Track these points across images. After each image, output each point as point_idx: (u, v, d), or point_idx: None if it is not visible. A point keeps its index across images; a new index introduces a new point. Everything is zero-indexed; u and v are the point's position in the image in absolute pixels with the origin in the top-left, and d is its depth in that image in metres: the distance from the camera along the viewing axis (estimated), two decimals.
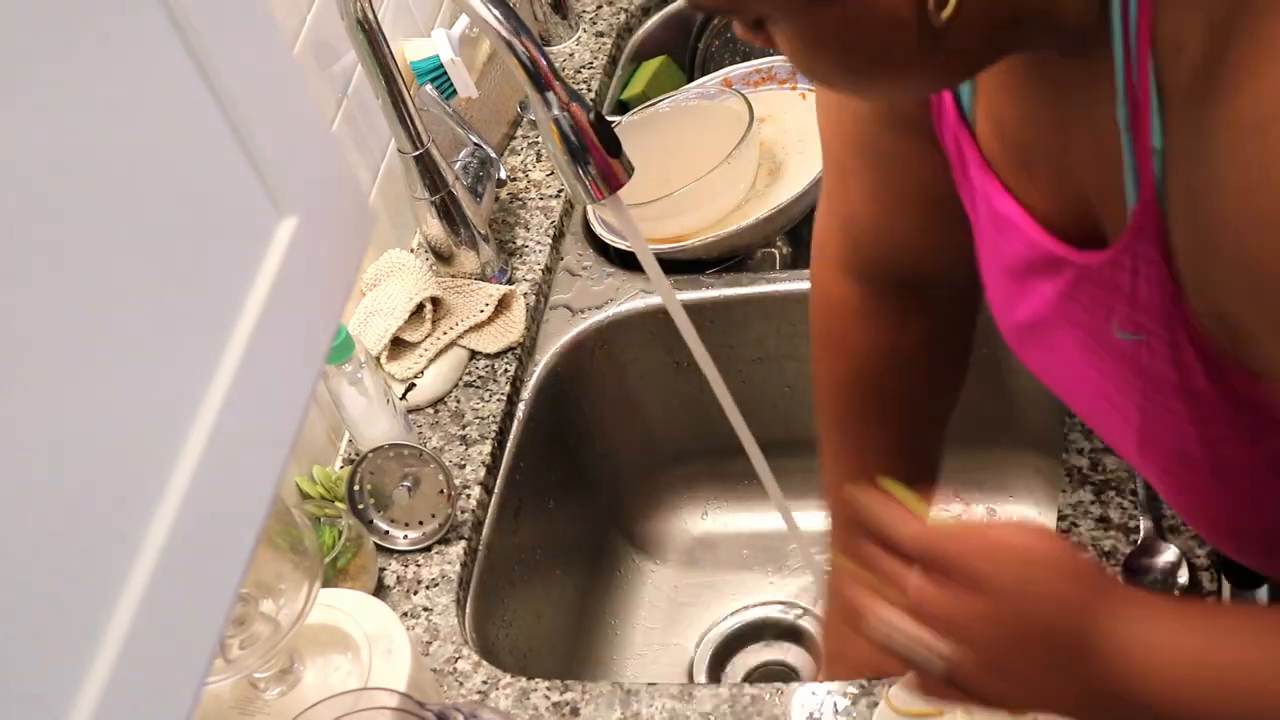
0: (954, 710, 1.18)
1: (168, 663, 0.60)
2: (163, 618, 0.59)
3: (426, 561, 1.40)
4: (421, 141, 1.48)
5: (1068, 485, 1.30)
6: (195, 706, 0.61)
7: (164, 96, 0.63)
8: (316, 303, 0.72)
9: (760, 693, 1.25)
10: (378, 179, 1.59)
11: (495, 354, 1.56)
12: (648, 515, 1.68)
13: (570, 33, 1.90)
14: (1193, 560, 1.22)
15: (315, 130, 0.73)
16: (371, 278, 1.55)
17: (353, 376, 1.39)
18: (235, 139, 0.66)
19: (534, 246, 1.65)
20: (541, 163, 1.73)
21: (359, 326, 1.52)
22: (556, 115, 1.24)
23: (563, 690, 1.28)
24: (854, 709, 1.22)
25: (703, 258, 1.61)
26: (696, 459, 1.67)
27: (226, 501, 0.65)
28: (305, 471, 1.43)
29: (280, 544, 1.17)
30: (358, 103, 1.54)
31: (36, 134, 0.56)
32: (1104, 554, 1.25)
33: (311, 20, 1.46)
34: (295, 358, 0.71)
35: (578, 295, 1.62)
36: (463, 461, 1.47)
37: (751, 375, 1.58)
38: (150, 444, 0.61)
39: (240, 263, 0.67)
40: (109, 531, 0.58)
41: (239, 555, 0.65)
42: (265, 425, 0.68)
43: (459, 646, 1.33)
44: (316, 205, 0.71)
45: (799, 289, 1.56)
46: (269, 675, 1.21)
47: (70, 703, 0.55)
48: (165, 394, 0.62)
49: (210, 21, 0.64)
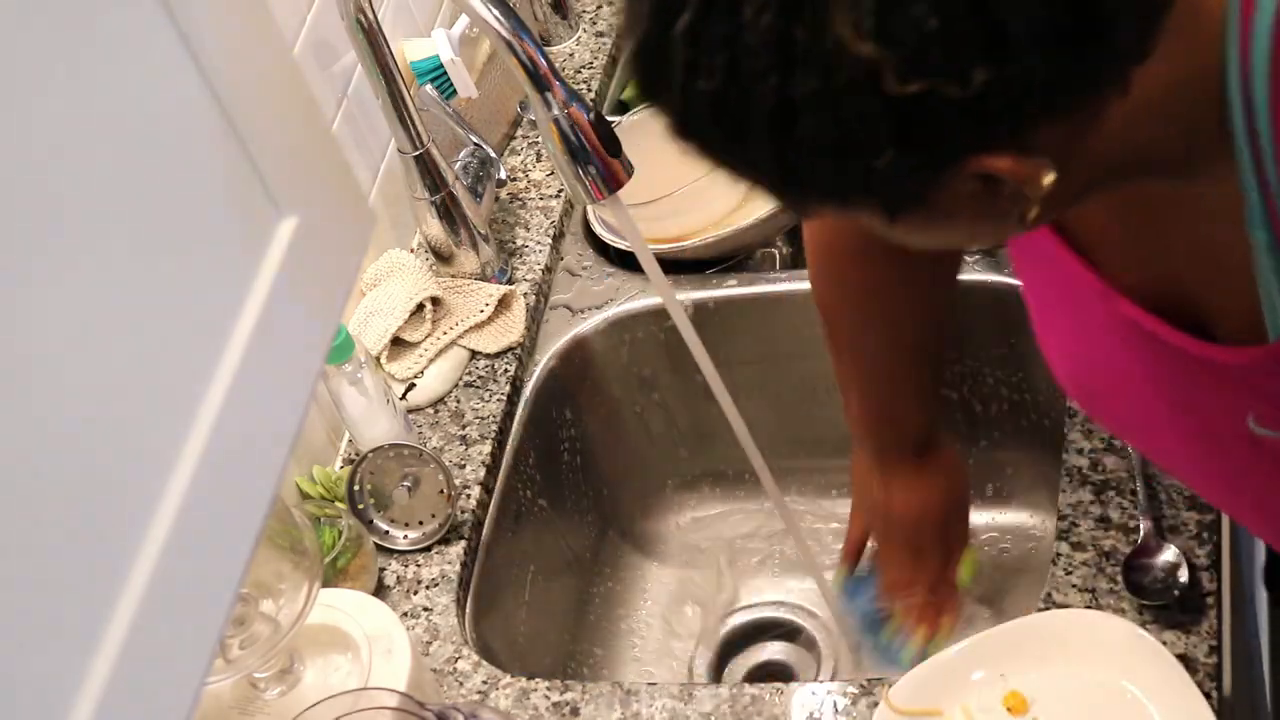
0: (954, 710, 1.19)
1: (168, 663, 0.60)
2: (163, 618, 0.59)
3: (426, 561, 1.40)
4: (421, 141, 1.48)
5: (1068, 485, 1.30)
6: (195, 706, 0.61)
7: (164, 96, 0.63)
8: (316, 303, 0.72)
9: (760, 693, 1.25)
10: (378, 179, 1.59)
11: (495, 354, 1.56)
12: (647, 515, 1.68)
13: (570, 33, 1.90)
14: (1193, 560, 1.22)
15: (315, 130, 0.73)
16: (371, 278, 1.55)
17: (353, 376, 1.39)
18: (235, 139, 0.66)
19: (534, 246, 1.65)
20: (541, 163, 1.73)
21: (359, 326, 1.52)
22: (556, 115, 1.24)
23: (563, 690, 1.28)
24: (854, 709, 1.22)
25: (703, 258, 1.61)
26: (696, 459, 1.67)
27: (226, 501, 0.65)
28: (305, 471, 1.43)
29: (280, 544, 1.17)
30: (358, 103, 1.54)
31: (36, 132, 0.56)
32: (1104, 554, 1.25)
33: (311, 20, 1.46)
34: (295, 358, 0.71)
35: (578, 295, 1.62)
36: (463, 461, 1.47)
37: (751, 375, 1.58)
38: (150, 444, 0.61)
39: (240, 263, 0.67)
40: (109, 531, 0.58)
41: (239, 555, 0.65)
42: (265, 425, 0.68)
43: (459, 646, 1.33)
44: (316, 205, 0.71)
45: (799, 289, 1.56)
46: (269, 675, 1.21)
47: (70, 702, 0.55)
48: (165, 394, 0.62)
49: (210, 21, 0.64)
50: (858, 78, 0.68)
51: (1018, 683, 1.18)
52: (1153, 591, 1.20)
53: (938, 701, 1.18)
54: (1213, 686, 1.15)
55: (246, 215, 0.67)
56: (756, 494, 1.58)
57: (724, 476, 1.67)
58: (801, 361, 1.56)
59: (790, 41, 0.68)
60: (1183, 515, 1.25)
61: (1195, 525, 1.24)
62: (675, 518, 1.68)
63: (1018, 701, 1.17)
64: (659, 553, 1.66)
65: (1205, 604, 1.20)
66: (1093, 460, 1.31)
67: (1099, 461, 1.31)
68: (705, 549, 1.65)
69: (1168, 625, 1.19)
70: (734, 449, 1.38)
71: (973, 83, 0.68)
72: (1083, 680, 1.17)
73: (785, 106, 0.70)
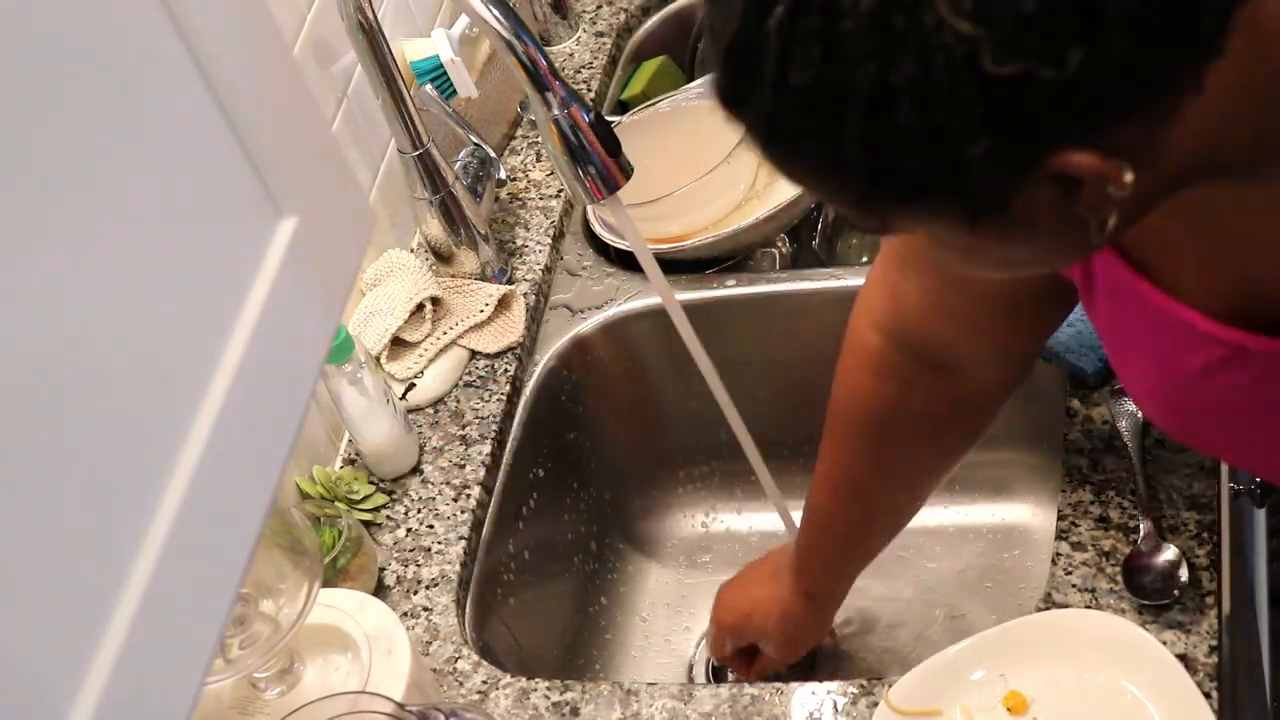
0: (953, 710, 1.19)
1: (168, 663, 0.61)
2: (163, 618, 0.59)
3: (426, 561, 1.40)
4: (421, 141, 1.48)
5: (1067, 485, 1.30)
6: (195, 706, 0.61)
7: (164, 97, 0.63)
8: (316, 303, 0.72)
9: (760, 693, 1.25)
10: (378, 179, 1.59)
11: (495, 354, 1.56)
12: (648, 515, 1.68)
13: (570, 33, 1.90)
14: (1193, 560, 1.22)
15: (315, 130, 0.73)
16: (371, 278, 1.55)
17: (353, 376, 1.39)
18: (235, 139, 0.66)
19: (534, 246, 1.65)
20: (541, 163, 1.73)
21: (359, 326, 1.52)
22: (556, 115, 1.24)
23: (563, 690, 1.28)
24: (854, 709, 1.22)
25: (703, 258, 1.61)
26: (696, 459, 1.67)
27: (226, 501, 0.65)
28: (305, 471, 1.43)
29: (280, 544, 1.17)
30: (358, 103, 1.54)
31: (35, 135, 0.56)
32: (1104, 554, 1.25)
33: (311, 20, 1.46)
34: (295, 358, 0.71)
35: (578, 295, 1.62)
36: (463, 461, 1.47)
37: (751, 375, 1.58)
38: (152, 443, 0.61)
39: (240, 263, 0.67)
40: (109, 531, 0.58)
41: (239, 555, 0.65)
42: (265, 425, 0.68)
43: (459, 646, 1.33)
44: (316, 205, 0.71)
45: (799, 289, 1.56)
46: (269, 675, 1.21)
47: (71, 702, 0.55)
48: (165, 393, 0.62)
49: (210, 22, 0.64)
50: (955, 59, 0.68)
51: (1018, 683, 1.18)
52: (1153, 591, 1.20)
53: (937, 701, 1.18)
54: (1213, 686, 1.15)
55: (246, 215, 0.67)
56: (756, 494, 1.58)
57: (724, 476, 1.67)
58: (801, 362, 1.56)
59: (888, 27, 0.69)
60: (1183, 515, 1.25)
61: (1195, 525, 1.24)
62: (675, 518, 1.68)
63: (1018, 701, 1.17)
64: (659, 553, 1.66)
65: (1205, 604, 1.20)
66: (1093, 460, 1.31)
67: (1099, 461, 1.31)
68: (705, 549, 1.65)
69: (1168, 625, 1.19)
70: (733, 448, 1.38)
71: (1068, 66, 0.69)
72: (1083, 680, 1.17)
73: (883, 94, 0.70)
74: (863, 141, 0.72)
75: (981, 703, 1.18)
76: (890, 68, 0.69)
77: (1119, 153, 0.74)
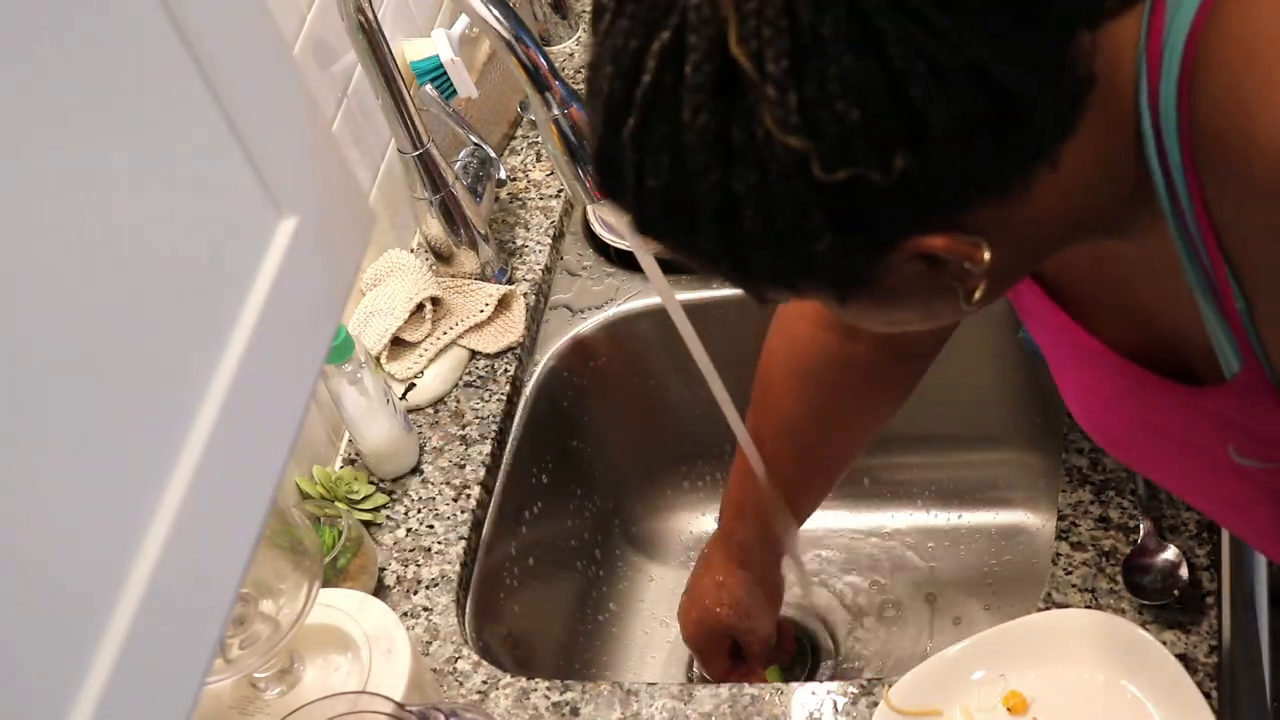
0: (953, 710, 1.19)
1: (168, 663, 0.61)
2: (163, 618, 0.59)
3: (426, 561, 1.40)
4: (421, 141, 1.48)
5: (1068, 485, 1.30)
6: (195, 706, 0.61)
7: (163, 97, 0.63)
8: (316, 303, 0.72)
9: (760, 693, 1.25)
10: (378, 179, 1.59)
11: (495, 354, 1.56)
12: (648, 515, 1.68)
13: (570, 33, 1.90)
14: (1193, 560, 1.22)
15: (315, 130, 0.73)
16: (371, 278, 1.55)
17: (353, 376, 1.39)
18: (235, 139, 0.66)
19: (534, 246, 1.65)
20: (541, 163, 1.73)
21: (359, 326, 1.52)
22: (556, 115, 1.24)
23: (563, 690, 1.28)
24: (854, 709, 1.22)
25: None
26: (696, 459, 1.67)
27: (226, 501, 0.65)
28: (305, 471, 1.43)
29: (280, 544, 1.17)
30: (358, 103, 1.54)
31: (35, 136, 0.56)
32: (1104, 554, 1.25)
33: (311, 20, 1.46)
34: (295, 358, 0.71)
35: (578, 295, 1.62)
36: (463, 461, 1.47)
37: (750, 375, 1.58)
38: (150, 443, 0.61)
39: (240, 263, 0.67)
40: (109, 531, 0.58)
41: (239, 555, 0.65)
42: (265, 425, 0.68)
43: (459, 646, 1.33)
44: (316, 205, 0.71)
45: None
46: (269, 675, 1.21)
47: (70, 702, 0.55)
48: (165, 393, 0.62)
49: (210, 22, 0.64)
50: (789, 169, 0.71)
51: (1017, 683, 1.18)
52: (1153, 591, 1.21)
53: (937, 701, 1.18)
54: (1213, 686, 1.15)
55: (246, 215, 0.67)
56: None
57: (724, 476, 1.67)
58: None
59: (726, 139, 0.71)
60: (1183, 515, 1.25)
61: (1195, 525, 1.25)
62: (675, 518, 1.68)
63: (1018, 701, 1.17)
64: (660, 553, 1.66)
65: (1205, 604, 1.20)
66: (1093, 460, 1.31)
67: (1099, 461, 1.31)
68: None
69: (1168, 625, 1.19)
70: (733, 448, 1.38)
71: (895, 170, 0.71)
72: (1083, 680, 1.17)
73: (727, 200, 0.73)
74: (718, 240, 0.75)
75: (981, 703, 1.18)
76: (730, 177, 0.72)
77: (974, 231, 0.76)
